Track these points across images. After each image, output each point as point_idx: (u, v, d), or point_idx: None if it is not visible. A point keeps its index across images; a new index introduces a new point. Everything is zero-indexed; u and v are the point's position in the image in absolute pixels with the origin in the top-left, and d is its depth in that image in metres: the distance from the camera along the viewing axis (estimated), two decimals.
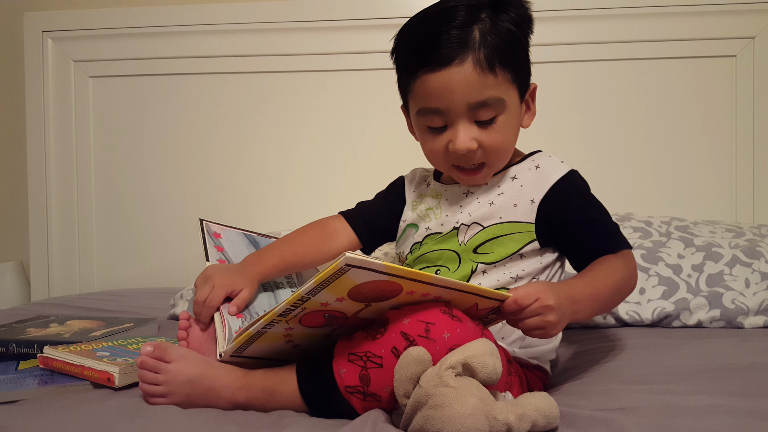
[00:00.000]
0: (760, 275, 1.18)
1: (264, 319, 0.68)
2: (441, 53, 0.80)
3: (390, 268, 0.61)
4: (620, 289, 0.82)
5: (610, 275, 0.80)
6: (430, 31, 0.82)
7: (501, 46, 0.80)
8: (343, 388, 0.67)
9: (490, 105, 0.82)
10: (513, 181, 0.87)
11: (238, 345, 0.72)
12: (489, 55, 0.80)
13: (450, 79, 0.80)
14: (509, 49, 0.81)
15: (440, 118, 0.84)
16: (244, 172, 1.76)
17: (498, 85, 0.81)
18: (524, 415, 0.60)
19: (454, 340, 0.64)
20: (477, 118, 0.82)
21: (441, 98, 0.82)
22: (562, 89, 1.65)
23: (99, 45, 1.77)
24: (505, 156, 0.88)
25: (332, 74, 1.72)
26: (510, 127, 0.85)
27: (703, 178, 1.63)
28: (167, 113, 1.78)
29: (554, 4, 1.61)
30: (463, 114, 0.82)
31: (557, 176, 0.85)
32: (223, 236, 1.00)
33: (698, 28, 1.60)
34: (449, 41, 0.80)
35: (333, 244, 0.99)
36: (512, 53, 0.82)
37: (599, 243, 0.83)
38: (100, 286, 1.80)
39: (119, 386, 0.77)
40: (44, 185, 1.78)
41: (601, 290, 0.78)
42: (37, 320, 1.11)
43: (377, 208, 1.03)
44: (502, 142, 0.85)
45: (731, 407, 0.65)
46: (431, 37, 0.81)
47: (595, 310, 0.79)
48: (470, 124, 0.83)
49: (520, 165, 0.89)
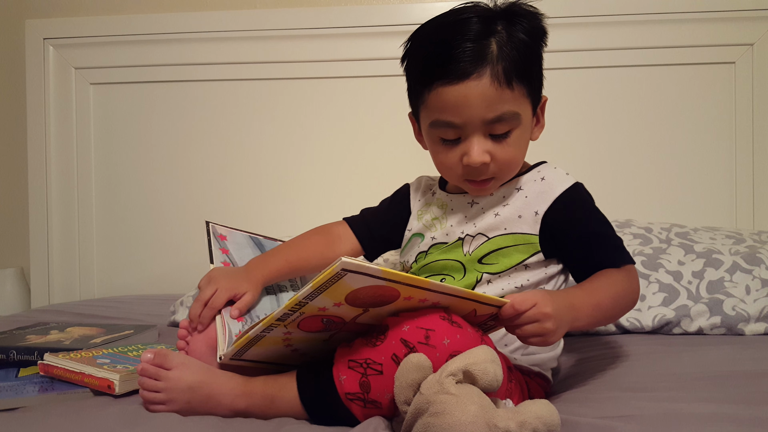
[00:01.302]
0: (760, 282, 1.17)
1: (263, 323, 0.68)
2: (459, 66, 0.78)
3: (387, 273, 0.61)
4: (621, 301, 0.81)
5: (611, 287, 0.80)
6: (446, 43, 0.80)
7: (518, 59, 0.79)
8: (344, 395, 0.67)
9: (505, 119, 0.81)
10: (518, 193, 0.87)
11: (238, 348, 0.72)
12: (507, 69, 0.79)
13: (467, 93, 0.79)
14: (526, 62, 0.81)
15: (454, 131, 0.83)
16: (244, 179, 1.76)
17: (514, 99, 0.81)
18: (525, 422, 0.60)
19: (454, 346, 0.64)
20: (492, 131, 0.82)
21: (457, 112, 0.81)
22: (561, 96, 1.65)
23: (100, 52, 1.77)
24: (515, 169, 0.87)
25: (332, 81, 1.72)
26: (523, 141, 0.85)
27: (703, 185, 1.63)
28: (167, 120, 1.78)
29: (553, 12, 1.60)
30: (478, 128, 0.81)
31: (562, 188, 0.85)
32: (229, 238, 1.00)
33: (697, 35, 1.61)
34: (466, 54, 0.78)
35: (337, 250, 0.99)
36: (528, 66, 0.81)
37: (602, 257, 0.83)
38: (100, 292, 1.80)
39: (119, 393, 0.77)
40: (45, 192, 1.78)
41: (601, 300, 0.78)
42: (37, 327, 1.11)
43: (381, 215, 1.03)
44: (514, 156, 0.85)
45: (733, 415, 0.65)
46: (448, 48, 0.79)
47: (594, 319, 0.79)
48: (484, 137, 0.82)
49: (526, 176, 0.89)
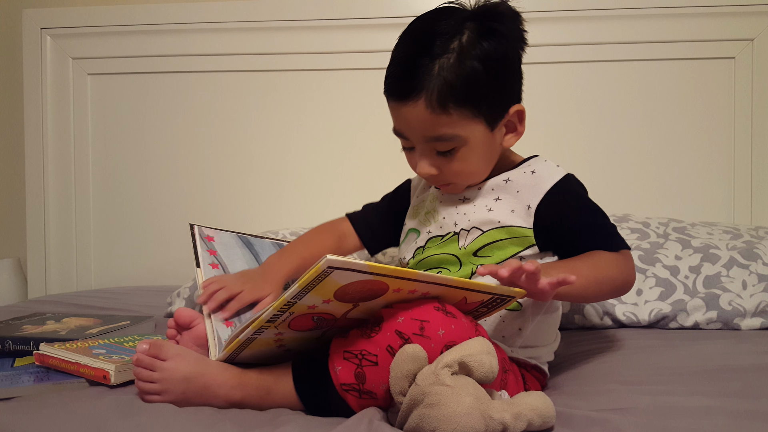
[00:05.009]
0: (757, 277, 1.18)
1: (252, 325, 0.68)
2: (401, 86, 0.82)
3: (373, 268, 0.61)
4: (613, 280, 0.81)
5: (602, 260, 0.80)
6: (399, 58, 0.83)
7: (458, 85, 0.79)
8: (339, 386, 0.67)
9: (445, 140, 0.82)
10: (509, 187, 0.87)
11: (230, 353, 0.72)
12: (442, 95, 0.79)
13: (407, 114, 0.82)
14: (468, 87, 0.79)
15: (407, 141, 0.87)
16: (242, 170, 1.76)
17: (452, 123, 0.81)
18: (520, 414, 0.60)
19: (449, 336, 0.64)
20: (436, 148, 0.84)
21: (401, 126, 0.85)
22: (560, 90, 1.65)
23: (97, 42, 1.76)
24: (472, 178, 0.88)
25: (333, 73, 1.71)
26: (474, 156, 0.85)
27: (700, 180, 1.63)
28: (165, 111, 1.77)
29: (552, 5, 1.61)
30: (422, 143, 0.84)
31: (553, 181, 0.85)
32: (216, 239, 0.99)
33: (697, 29, 1.60)
34: (407, 76, 0.80)
35: (346, 247, 1.02)
36: (473, 90, 0.80)
37: (597, 245, 0.83)
38: (97, 283, 1.80)
39: (115, 384, 0.77)
40: (42, 182, 1.78)
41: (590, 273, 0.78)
42: (33, 317, 1.11)
43: (382, 211, 1.04)
44: (463, 169, 0.85)
45: (727, 408, 0.65)
46: (396, 65, 0.83)
47: (586, 289, 0.78)
48: (431, 151, 0.84)
49: (517, 170, 0.89)
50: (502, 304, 0.73)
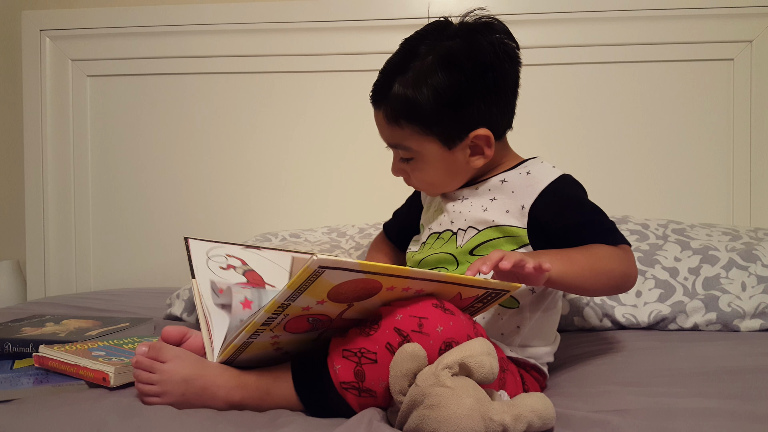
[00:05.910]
0: (756, 278, 1.18)
1: (246, 329, 0.67)
2: (372, 93, 0.89)
3: (364, 266, 0.61)
4: (611, 271, 0.80)
5: (599, 251, 0.80)
6: (382, 70, 0.89)
7: (407, 104, 0.84)
8: (338, 384, 0.67)
9: (402, 149, 0.89)
10: (505, 188, 0.88)
11: (226, 357, 0.72)
12: (396, 110, 0.85)
13: (377, 119, 0.90)
14: (415, 109, 0.84)
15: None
16: (241, 172, 1.76)
17: (405, 136, 0.87)
18: (520, 415, 0.60)
19: (448, 333, 0.65)
20: (399, 154, 0.91)
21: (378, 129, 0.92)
22: (559, 92, 1.65)
23: (97, 44, 1.76)
24: (435, 188, 0.93)
25: (331, 75, 1.72)
26: (431, 169, 0.89)
27: (700, 181, 1.63)
28: (164, 113, 1.78)
29: (551, 7, 1.61)
30: (390, 147, 0.92)
31: (547, 181, 0.86)
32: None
33: (696, 31, 1.60)
34: (377, 87, 0.88)
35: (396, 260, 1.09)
36: (419, 113, 0.84)
37: (595, 240, 0.82)
38: (96, 285, 1.80)
39: (114, 386, 0.77)
40: (41, 184, 1.78)
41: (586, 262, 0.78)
42: (32, 319, 1.10)
43: (406, 215, 1.09)
44: (424, 179, 0.91)
45: (727, 410, 0.65)
46: (379, 75, 0.89)
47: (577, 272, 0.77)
48: (398, 156, 0.92)
49: (512, 171, 0.90)
50: (497, 298, 0.73)
